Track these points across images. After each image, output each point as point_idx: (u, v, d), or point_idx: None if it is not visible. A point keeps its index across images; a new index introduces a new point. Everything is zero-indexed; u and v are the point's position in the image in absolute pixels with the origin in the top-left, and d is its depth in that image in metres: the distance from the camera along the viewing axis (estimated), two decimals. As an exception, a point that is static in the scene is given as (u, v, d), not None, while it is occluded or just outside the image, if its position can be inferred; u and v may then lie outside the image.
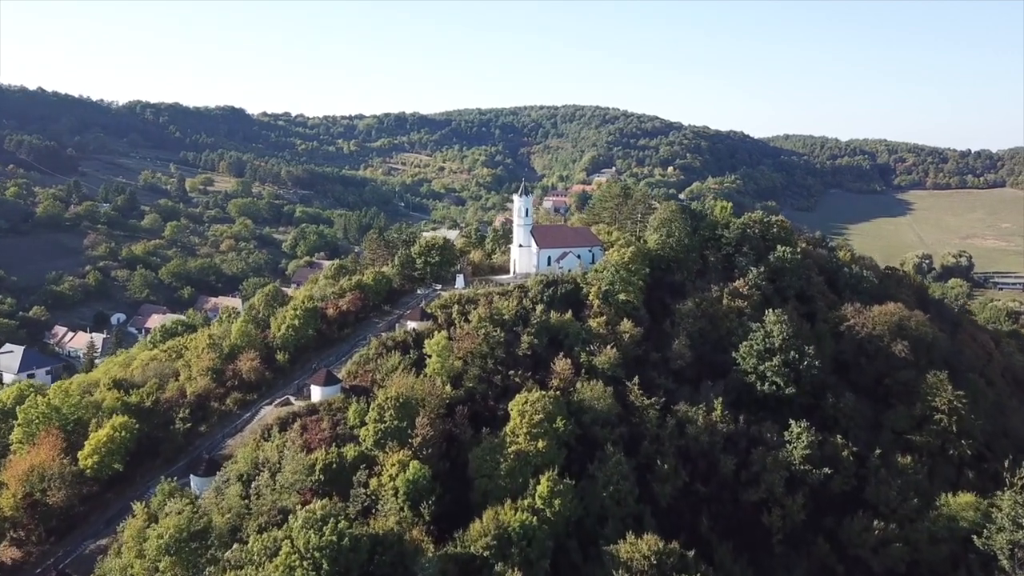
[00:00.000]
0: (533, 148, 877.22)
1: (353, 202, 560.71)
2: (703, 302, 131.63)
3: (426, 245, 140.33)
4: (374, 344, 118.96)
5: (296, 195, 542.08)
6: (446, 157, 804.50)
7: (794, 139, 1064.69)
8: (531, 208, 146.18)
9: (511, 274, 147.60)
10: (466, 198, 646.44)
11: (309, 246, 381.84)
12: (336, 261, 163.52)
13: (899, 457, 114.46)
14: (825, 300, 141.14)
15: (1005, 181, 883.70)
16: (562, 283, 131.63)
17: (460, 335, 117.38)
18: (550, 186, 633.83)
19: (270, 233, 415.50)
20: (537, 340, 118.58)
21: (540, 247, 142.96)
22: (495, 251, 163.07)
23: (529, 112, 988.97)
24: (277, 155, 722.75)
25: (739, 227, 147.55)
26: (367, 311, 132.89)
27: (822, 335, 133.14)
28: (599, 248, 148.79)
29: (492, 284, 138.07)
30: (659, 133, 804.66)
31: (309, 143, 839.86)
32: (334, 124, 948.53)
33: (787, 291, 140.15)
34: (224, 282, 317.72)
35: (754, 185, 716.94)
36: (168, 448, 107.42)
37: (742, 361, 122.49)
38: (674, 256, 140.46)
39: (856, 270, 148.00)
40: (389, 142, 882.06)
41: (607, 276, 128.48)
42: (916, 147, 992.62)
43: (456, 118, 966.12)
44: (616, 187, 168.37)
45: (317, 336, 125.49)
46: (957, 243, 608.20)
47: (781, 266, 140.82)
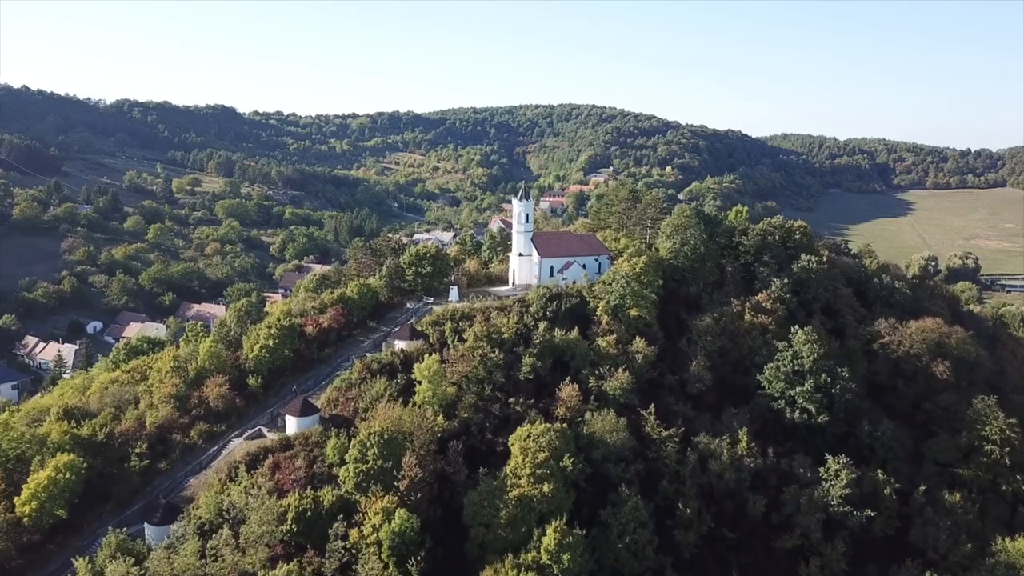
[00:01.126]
0: (529, 148, 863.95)
1: (345, 203, 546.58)
2: (722, 317, 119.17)
3: (417, 254, 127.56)
4: (357, 367, 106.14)
5: (286, 196, 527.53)
6: (440, 157, 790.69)
7: (792, 138, 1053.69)
8: (532, 213, 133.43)
9: (510, 285, 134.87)
10: (461, 198, 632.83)
11: (298, 249, 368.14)
12: (316, 272, 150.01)
13: (946, 494, 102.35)
14: (854, 314, 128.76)
15: (1006, 181, 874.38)
16: (566, 296, 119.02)
17: (454, 357, 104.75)
18: (547, 186, 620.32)
19: (258, 235, 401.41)
20: (540, 362, 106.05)
21: (542, 256, 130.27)
22: (492, 259, 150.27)
23: (525, 111, 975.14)
24: (268, 155, 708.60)
25: (758, 233, 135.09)
26: (351, 328, 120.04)
27: (853, 354, 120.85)
28: (606, 257, 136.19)
29: (489, 297, 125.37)
30: (656, 132, 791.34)
31: (301, 142, 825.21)
32: (327, 123, 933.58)
33: (812, 304, 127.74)
34: (208, 288, 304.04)
35: (753, 185, 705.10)
36: (122, 489, 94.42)
37: (768, 385, 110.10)
38: (689, 266, 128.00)
39: (887, 280, 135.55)
40: (383, 141, 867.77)
41: (616, 289, 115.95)
42: (915, 146, 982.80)
43: (451, 117, 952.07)
44: (624, 190, 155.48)
45: (294, 357, 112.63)
46: (961, 244, 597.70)
47: (806, 277, 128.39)
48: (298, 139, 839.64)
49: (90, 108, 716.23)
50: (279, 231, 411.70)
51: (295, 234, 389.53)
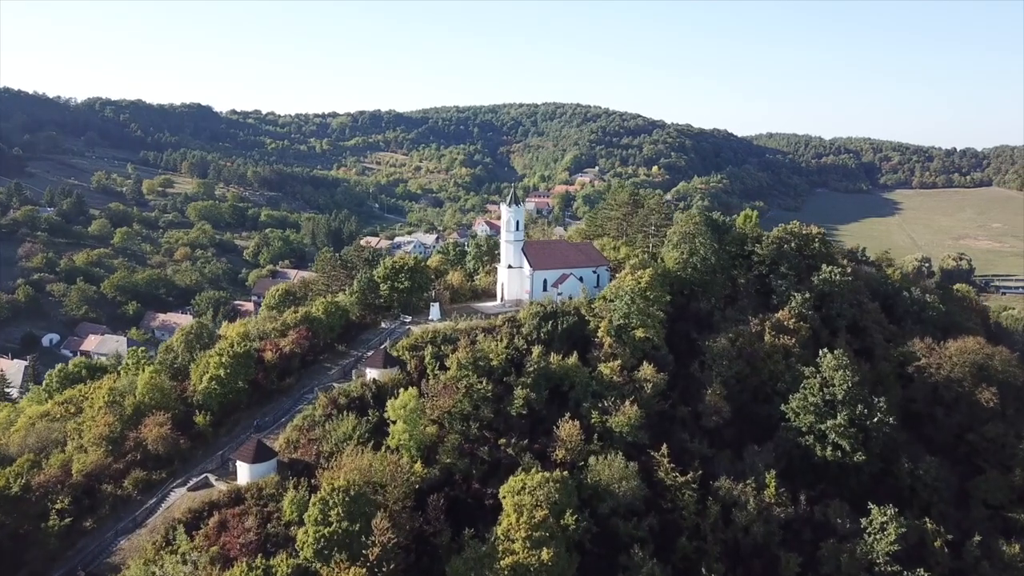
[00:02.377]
0: (513, 147, 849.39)
1: (324, 204, 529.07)
2: (738, 338, 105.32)
3: (392, 267, 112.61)
4: (322, 401, 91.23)
5: (262, 197, 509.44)
6: (423, 156, 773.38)
7: (778, 137, 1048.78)
8: (522, 220, 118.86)
9: (498, 300, 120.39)
10: (444, 199, 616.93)
11: (273, 253, 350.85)
12: (280, 286, 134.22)
13: (1002, 544, 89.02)
14: (883, 332, 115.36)
15: (992, 180, 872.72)
16: (563, 315, 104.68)
17: (434, 389, 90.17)
18: (531, 186, 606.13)
19: (231, 239, 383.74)
20: (535, 394, 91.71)
21: (534, 268, 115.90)
22: (478, 270, 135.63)
23: (508, 110, 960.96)
24: (245, 155, 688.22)
25: (773, 241, 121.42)
26: (316, 353, 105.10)
27: (885, 378, 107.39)
28: (605, 268, 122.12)
29: (475, 315, 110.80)
30: (642, 131, 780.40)
31: (280, 142, 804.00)
32: (306, 122, 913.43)
33: (837, 322, 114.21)
34: (176, 295, 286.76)
35: (741, 185, 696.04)
36: (37, 555, 78.97)
37: (795, 417, 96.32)
38: (698, 279, 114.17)
39: (917, 294, 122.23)
40: (364, 141, 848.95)
41: (620, 307, 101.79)
42: (901, 145, 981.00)
43: (433, 116, 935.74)
44: (623, 193, 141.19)
45: (251, 388, 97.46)
46: (950, 244, 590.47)
47: (828, 290, 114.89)
48: (277, 138, 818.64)
49: (59, 106, 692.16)
50: (254, 234, 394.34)
51: (270, 237, 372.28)
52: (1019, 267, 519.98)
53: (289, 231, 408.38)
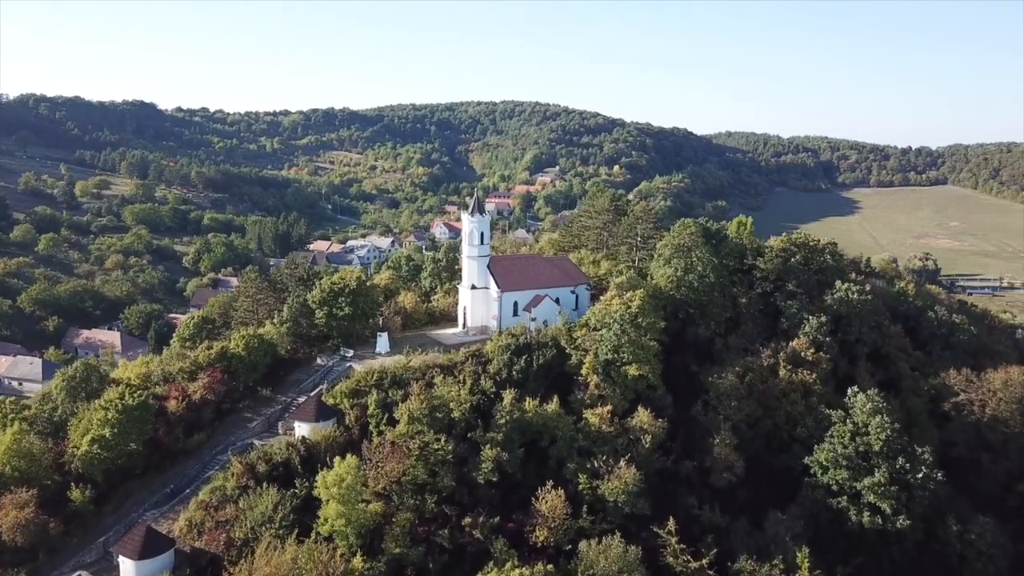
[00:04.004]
0: (472, 146, 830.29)
1: (273, 206, 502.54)
2: (747, 373, 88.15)
3: (330, 289, 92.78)
4: (236, 469, 71.30)
5: (207, 199, 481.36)
6: (378, 155, 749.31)
7: (737, 136, 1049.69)
8: (488, 232, 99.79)
9: (460, 327, 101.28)
10: (400, 199, 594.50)
11: (215, 260, 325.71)
12: (194, 314, 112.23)
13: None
14: (908, 360, 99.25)
15: (947, 178, 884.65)
16: (539, 347, 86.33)
17: (380, 451, 71.02)
18: (491, 187, 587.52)
19: (170, 245, 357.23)
20: (507, 454, 73.12)
21: (503, 289, 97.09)
22: (435, 289, 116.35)
23: (466, 108, 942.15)
24: (190, 154, 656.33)
25: (778, 255, 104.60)
26: (234, 400, 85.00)
27: (916, 417, 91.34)
28: (584, 286, 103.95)
29: (432, 347, 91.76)
30: (602, 130, 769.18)
31: (228, 141, 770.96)
32: (256, 120, 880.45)
33: (856, 349, 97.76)
34: (104, 309, 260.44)
35: (702, 184, 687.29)
36: None
37: (821, 473, 79.31)
38: (695, 299, 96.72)
39: (944, 314, 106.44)
40: (316, 139, 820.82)
41: (608, 338, 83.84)
42: (858, 144, 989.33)
43: (389, 114, 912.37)
44: (604, 199, 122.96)
45: (149, 449, 77.09)
46: (911, 243, 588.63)
47: (846, 312, 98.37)
48: (225, 137, 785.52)
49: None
50: (196, 239, 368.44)
51: (212, 243, 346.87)
52: (981, 266, 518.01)
53: (234, 235, 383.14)
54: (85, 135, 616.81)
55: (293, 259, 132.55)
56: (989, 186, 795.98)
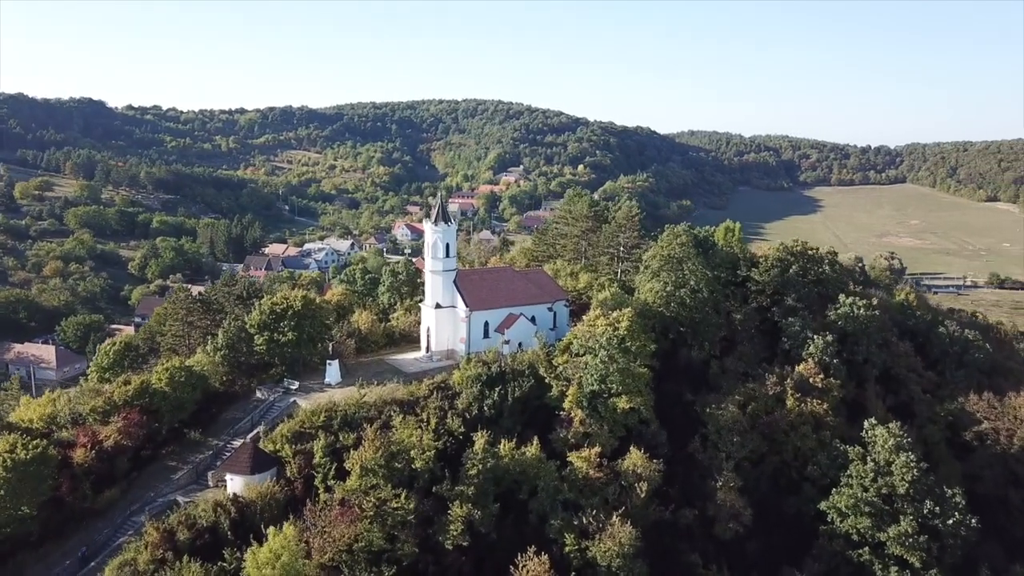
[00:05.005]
0: (434, 145, 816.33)
1: (228, 207, 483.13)
2: (750, 402, 77.88)
3: (271, 311, 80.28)
4: (152, 537, 58.61)
5: (157, 201, 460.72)
6: (338, 154, 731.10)
7: (700, 135, 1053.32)
8: (454, 242, 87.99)
9: (423, 352, 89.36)
10: (360, 200, 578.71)
11: (163, 266, 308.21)
12: (119, 339, 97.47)
13: None
14: (921, 382, 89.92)
15: (906, 177, 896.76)
16: (514, 377, 75.03)
17: (326, 513, 58.99)
18: (455, 186, 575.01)
19: (115, 250, 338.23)
20: (480, 512, 61.59)
21: (472, 308, 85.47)
22: (395, 305, 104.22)
23: (428, 107, 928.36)
24: (141, 154, 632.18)
25: (774, 265, 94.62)
26: (157, 445, 72.11)
27: (934, 448, 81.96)
28: (563, 303, 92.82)
29: (390, 377, 79.85)
30: (566, 129, 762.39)
31: (181, 140, 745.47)
32: (211, 119, 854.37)
33: (865, 370, 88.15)
34: (40, 320, 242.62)
35: (666, 183, 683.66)
36: None
37: (840, 520, 69.19)
38: (687, 317, 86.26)
39: (955, 330, 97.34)
40: (274, 138, 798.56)
41: (595, 366, 72.84)
42: (819, 143, 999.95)
43: (349, 112, 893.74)
44: (582, 204, 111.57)
45: (48, 511, 63.95)
46: (874, 242, 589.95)
47: (852, 329, 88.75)
48: (178, 136, 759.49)
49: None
50: (144, 243, 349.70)
51: (160, 247, 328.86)
52: (944, 265, 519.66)
53: (185, 239, 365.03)
54: (28, 134, 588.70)
55: (231, 274, 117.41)
56: (947, 184, 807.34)
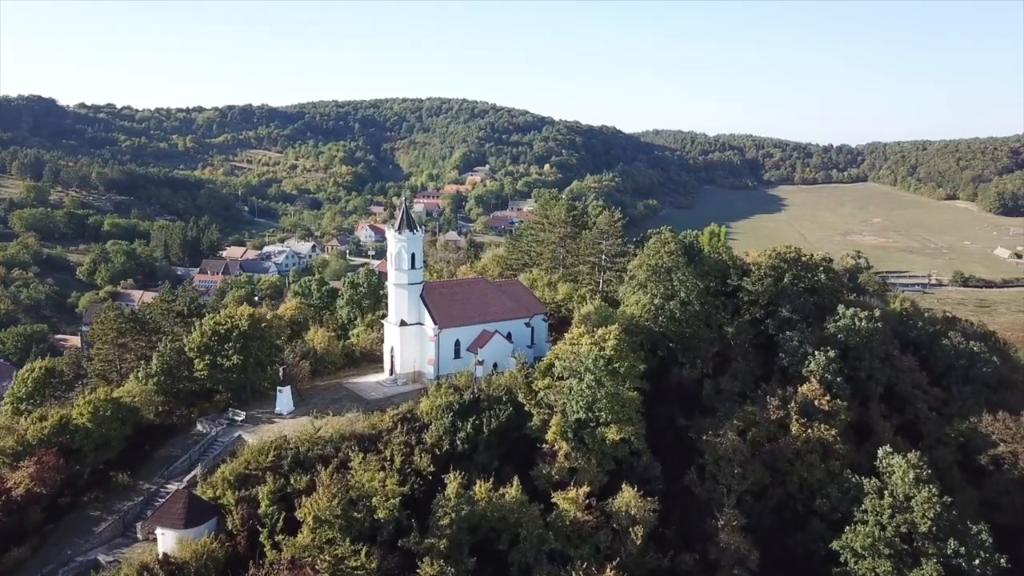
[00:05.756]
0: (398, 144, 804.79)
1: (184, 209, 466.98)
2: (750, 427, 70.52)
3: (212, 331, 70.78)
4: (63, 612, 49.21)
5: (109, 202, 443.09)
6: (299, 153, 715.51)
7: (664, 134, 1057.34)
8: (421, 252, 79.08)
9: (387, 374, 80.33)
10: (322, 200, 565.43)
11: (113, 271, 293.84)
12: (39, 365, 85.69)
13: None
14: (928, 400, 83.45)
15: (867, 175, 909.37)
16: (490, 404, 66.67)
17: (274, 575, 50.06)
18: (419, 186, 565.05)
19: (63, 254, 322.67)
20: (453, 568, 53.11)
21: (441, 325, 76.74)
22: (355, 320, 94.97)
23: (391, 105, 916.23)
24: (94, 153, 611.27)
25: (767, 273, 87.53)
26: (77, 490, 62.23)
27: (946, 472, 75.33)
28: (541, 317, 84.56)
29: (348, 406, 70.86)
30: (531, 128, 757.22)
31: (136, 139, 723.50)
32: (168, 117, 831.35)
33: (868, 388, 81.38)
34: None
35: (632, 183, 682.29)
36: None
37: (854, 562, 62.00)
38: (677, 332, 78.70)
39: (960, 342, 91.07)
40: (233, 138, 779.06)
41: (580, 391, 64.81)
42: (782, 142, 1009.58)
43: (310, 111, 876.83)
44: (559, 208, 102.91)
45: (-60, 575, 54.09)
46: (839, 240, 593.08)
47: (854, 343, 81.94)
48: (133, 135, 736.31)
49: None
50: (93, 247, 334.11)
51: (111, 251, 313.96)
52: (908, 263, 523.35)
53: (138, 242, 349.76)
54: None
55: (169, 289, 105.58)
56: (907, 183, 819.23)
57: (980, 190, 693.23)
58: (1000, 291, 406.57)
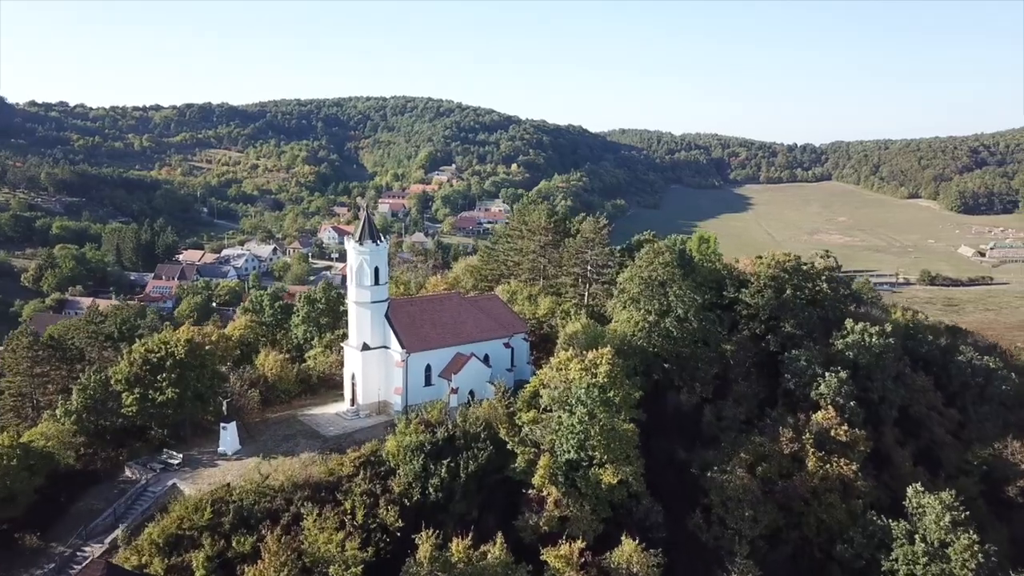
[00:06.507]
0: (362, 143, 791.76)
1: (140, 210, 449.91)
2: (759, 461, 62.60)
3: (145, 359, 60.85)
4: None
5: (59, 204, 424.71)
6: (260, 153, 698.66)
7: (631, 133, 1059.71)
8: (385, 266, 69.68)
9: (348, 405, 70.84)
10: (284, 201, 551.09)
11: (61, 277, 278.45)
12: None
13: None
14: (944, 423, 76.41)
15: (831, 174, 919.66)
16: (467, 442, 57.80)
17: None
18: (384, 186, 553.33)
19: (7, 259, 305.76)
20: (428, 652, 44.07)
21: (409, 349, 67.48)
22: (311, 340, 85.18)
23: (355, 103, 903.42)
24: (44, 153, 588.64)
25: (768, 284, 79.89)
26: (-27, 559, 52.13)
27: (970, 504, 67.78)
28: (522, 336, 75.67)
29: (303, 444, 61.46)
30: (498, 127, 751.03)
31: (90, 138, 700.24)
32: (123, 116, 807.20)
33: (882, 412, 74.01)
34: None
35: (599, 183, 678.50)
36: None
37: (888, 618, 54.26)
38: (672, 352, 70.59)
39: (974, 357, 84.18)
40: (192, 137, 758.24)
41: (572, 428, 56.27)
42: (747, 141, 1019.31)
43: (272, 109, 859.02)
44: (538, 214, 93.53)
45: None
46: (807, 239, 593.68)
47: (865, 361, 74.53)
48: (86, 134, 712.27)
49: None
50: (40, 252, 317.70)
51: (59, 256, 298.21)
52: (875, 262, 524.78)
53: (89, 246, 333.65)
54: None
55: (95, 308, 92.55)
56: (871, 182, 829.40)
57: (942, 188, 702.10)
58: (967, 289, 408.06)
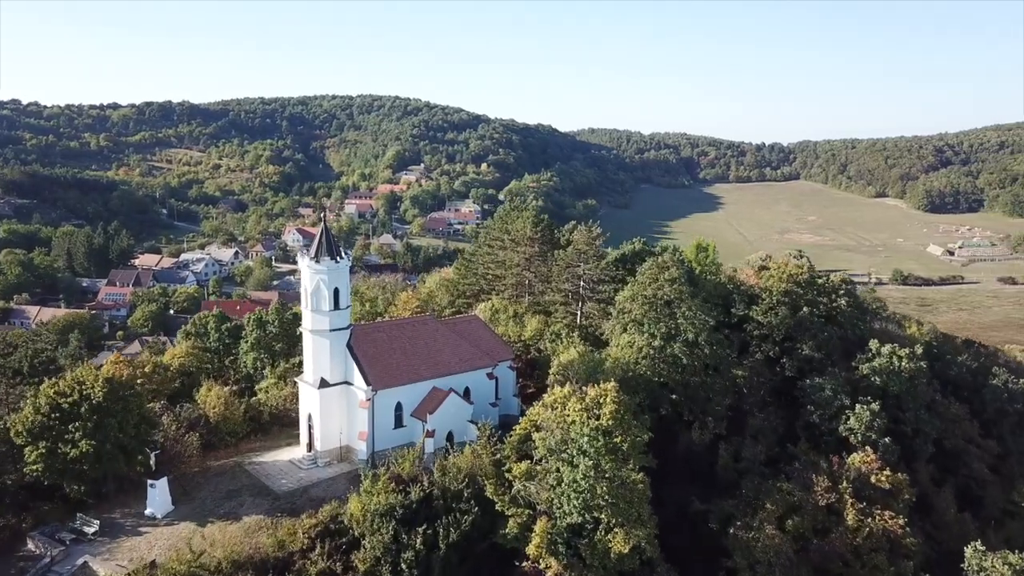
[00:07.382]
0: (328, 142, 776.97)
1: (95, 213, 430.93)
2: (790, 514, 53.35)
3: (53, 405, 49.88)
4: None
5: (8, 206, 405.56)
6: (223, 153, 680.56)
7: (600, 133, 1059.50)
8: (347, 286, 58.96)
9: (303, 451, 60.08)
10: (248, 202, 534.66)
11: (5, 284, 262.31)
12: None
13: None
14: (983, 457, 67.96)
15: (799, 173, 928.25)
16: (448, 503, 47.72)
17: None
18: (351, 186, 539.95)
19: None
20: None
21: (376, 385, 56.99)
22: (262, 370, 73.99)
23: (321, 102, 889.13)
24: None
25: (781, 300, 70.85)
26: None
27: (1018, 550, 59.56)
28: (507, 364, 65.53)
29: (249, 503, 50.92)
30: (467, 126, 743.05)
31: (44, 137, 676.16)
32: (80, 114, 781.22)
33: (916, 446, 65.28)
34: None
35: (570, 182, 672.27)
36: None
37: None
38: (680, 382, 61.15)
39: (1009, 380, 75.99)
40: (151, 136, 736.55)
41: (575, 485, 46.49)
42: (716, 141, 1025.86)
43: (235, 108, 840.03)
44: (524, 220, 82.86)
45: None
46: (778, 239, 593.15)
47: (895, 389, 65.73)
48: (40, 133, 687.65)
49: None
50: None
51: (4, 262, 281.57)
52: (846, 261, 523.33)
53: (37, 251, 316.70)
54: None
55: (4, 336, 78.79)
56: (838, 181, 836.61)
57: (908, 188, 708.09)
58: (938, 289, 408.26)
